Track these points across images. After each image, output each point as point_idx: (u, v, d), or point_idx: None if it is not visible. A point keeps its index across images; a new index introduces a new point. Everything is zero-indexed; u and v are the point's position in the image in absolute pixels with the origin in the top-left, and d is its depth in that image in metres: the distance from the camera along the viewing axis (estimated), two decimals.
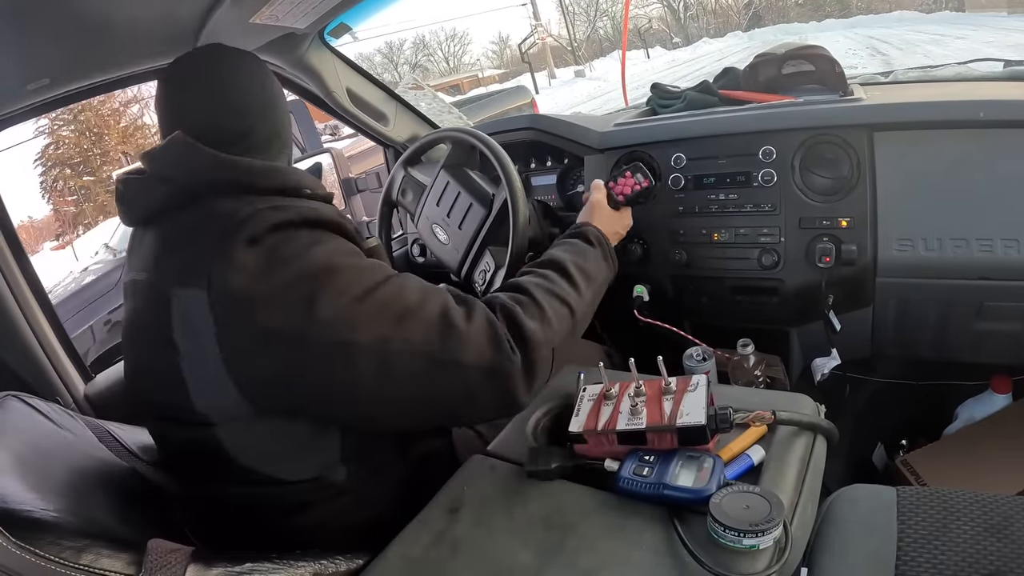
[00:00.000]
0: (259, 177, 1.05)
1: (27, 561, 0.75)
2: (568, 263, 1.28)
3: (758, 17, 42.71)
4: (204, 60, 1.14)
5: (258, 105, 1.15)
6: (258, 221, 0.95)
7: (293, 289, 0.93)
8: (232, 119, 1.11)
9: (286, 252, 0.95)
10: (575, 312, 1.20)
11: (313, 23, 1.60)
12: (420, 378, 0.99)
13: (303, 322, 0.93)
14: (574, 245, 1.37)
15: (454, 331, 1.00)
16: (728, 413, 0.99)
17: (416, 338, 0.98)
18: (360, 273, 0.99)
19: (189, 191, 1.03)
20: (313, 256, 0.96)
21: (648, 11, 43.19)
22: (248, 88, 1.14)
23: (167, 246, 1.03)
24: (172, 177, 1.03)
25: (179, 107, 1.11)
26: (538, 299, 1.14)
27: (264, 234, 0.95)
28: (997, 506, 0.98)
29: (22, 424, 1.04)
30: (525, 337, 1.06)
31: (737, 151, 1.67)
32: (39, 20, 1.06)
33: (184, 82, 1.13)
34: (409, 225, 2.22)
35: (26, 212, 25.41)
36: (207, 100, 1.11)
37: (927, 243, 1.46)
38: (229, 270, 0.92)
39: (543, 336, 1.08)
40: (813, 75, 1.81)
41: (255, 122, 1.14)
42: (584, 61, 37.77)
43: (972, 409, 1.85)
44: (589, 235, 1.41)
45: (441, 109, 2.71)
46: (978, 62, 1.96)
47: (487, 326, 1.03)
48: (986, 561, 0.89)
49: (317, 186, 1.14)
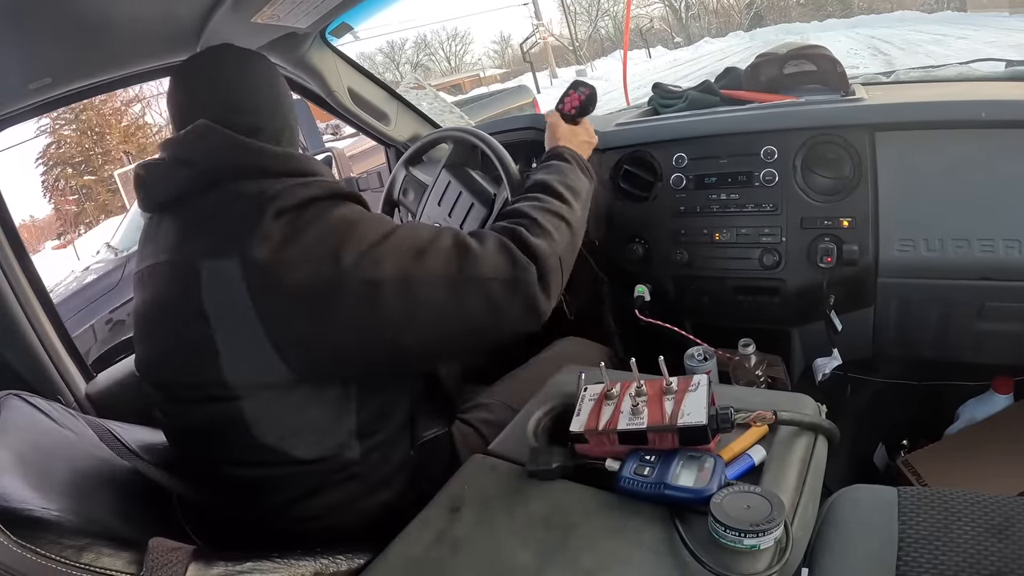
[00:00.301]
0: (279, 161, 1.10)
1: (28, 560, 0.75)
2: (554, 182, 1.35)
3: (760, 17, 42.66)
4: (217, 58, 1.19)
5: (268, 102, 1.19)
6: (287, 196, 1.02)
7: (318, 247, 1.00)
8: (244, 115, 1.15)
9: (309, 219, 1.02)
10: (571, 223, 1.29)
11: (314, 23, 1.60)
12: (448, 299, 1.07)
13: (331, 272, 1.00)
14: (553, 166, 1.43)
15: (470, 253, 1.10)
16: (729, 413, 0.99)
17: (437, 265, 1.06)
18: (377, 223, 1.08)
19: (211, 174, 1.07)
20: (333, 216, 1.04)
21: (650, 11, 43.13)
22: (258, 86, 1.19)
23: (190, 228, 1.06)
24: (194, 160, 1.07)
25: (194, 101, 1.15)
26: (536, 218, 1.23)
27: (292, 207, 1.01)
28: (998, 507, 0.97)
29: (23, 423, 1.04)
30: (533, 250, 1.15)
31: (739, 151, 1.67)
32: (41, 19, 1.06)
33: (198, 79, 1.17)
34: None
35: (28, 211, 25.44)
36: (221, 96, 1.15)
37: (929, 243, 1.46)
38: (259, 240, 0.98)
39: (549, 248, 1.18)
40: (815, 75, 1.81)
41: (265, 119, 1.18)
42: (586, 61, 37.81)
43: (973, 409, 1.85)
44: (563, 154, 1.47)
45: (442, 108, 2.71)
46: (980, 62, 1.96)
47: (499, 245, 1.14)
48: (987, 562, 0.89)
49: (328, 173, 1.19)
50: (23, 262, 1.46)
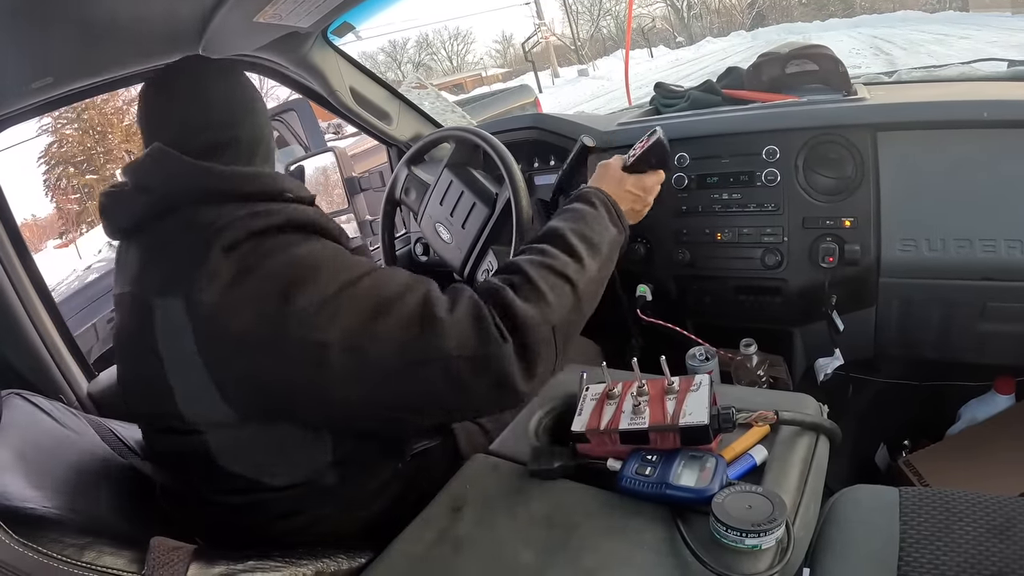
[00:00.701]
0: (238, 183, 1.04)
1: (30, 559, 0.75)
2: (566, 231, 1.18)
3: (762, 16, 42.65)
4: (184, 72, 1.15)
5: (239, 115, 1.14)
6: (237, 228, 0.95)
7: (266, 292, 0.93)
8: (215, 130, 1.11)
9: (262, 256, 0.95)
10: (577, 285, 1.10)
11: (316, 22, 1.59)
12: (402, 371, 0.94)
13: (278, 325, 0.92)
14: (574, 211, 1.26)
15: (435, 321, 0.95)
16: (731, 413, 0.99)
17: (394, 332, 0.94)
18: (338, 269, 0.98)
19: (167, 201, 1.02)
20: (289, 257, 0.96)
21: (652, 10, 43.10)
22: (228, 99, 1.14)
23: (149, 257, 1.03)
24: (151, 187, 1.03)
25: (162, 119, 1.11)
26: (532, 276, 1.06)
27: (242, 241, 0.95)
28: (1000, 507, 0.97)
29: (25, 422, 1.05)
30: (517, 320, 1.00)
31: (740, 151, 1.67)
32: (43, 19, 1.06)
33: (166, 95, 1.13)
34: (412, 224, 2.23)
35: (29, 210, 25.44)
36: (188, 112, 1.10)
37: (931, 243, 1.46)
38: (206, 279, 0.92)
39: (539, 315, 1.01)
40: (817, 75, 1.81)
41: (237, 132, 1.13)
42: (587, 60, 37.78)
43: (975, 410, 1.85)
44: (591, 197, 1.30)
45: (444, 108, 2.71)
46: (982, 62, 1.96)
47: (472, 313, 0.98)
48: (988, 562, 0.89)
49: (299, 189, 1.12)
50: (25, 261, 1.46)
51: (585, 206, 1.27)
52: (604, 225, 1.25)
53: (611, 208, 1.30)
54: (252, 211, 0.98)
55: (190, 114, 1.10)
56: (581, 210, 1.26)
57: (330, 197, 2.29)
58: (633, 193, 1.41)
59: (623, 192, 1.38)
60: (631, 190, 1.40)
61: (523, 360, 0.99)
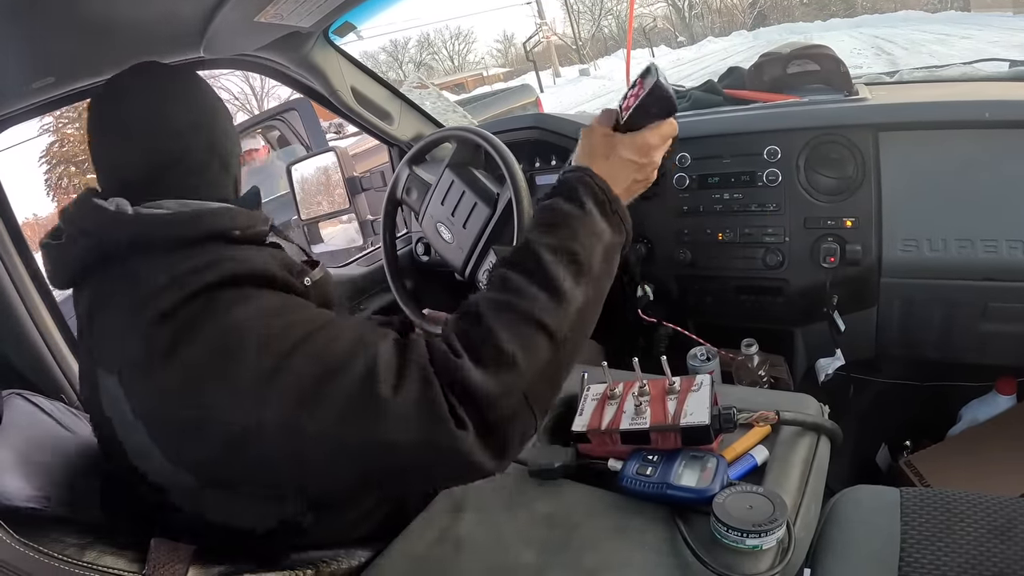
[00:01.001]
0: (177, 228, 0.93)
1: (31, 558, 0.75)
2: (542, 251, 0.91)
3: (763, 16, 42.63)
4: (128, 86, 1.05)
5: (189, 125, 1.05)
6: (172, 291, 0.85)
7: (196, 372, 0.83)
8: (161, 145, 1.03)
9: (194, 328, 0.84)
10: (555, 333, 0.86)
11: (318, 22, 1.59)
12: (347, 453, 0.83)
13: (207, 407, 0.82)
14: (552, 213, 0.97)
15: (376, 403, 0.80)
16: (732, 413, 0.99)
17: (332, 411, 0.81)
18: (275, 337, 0.84)
19: (100, 251, 0.93)
20: (223, 326, 0.85)
21: (653, 10, 43.11)
22: (175, 109, 1.05)
23: (89, 315, 0.95)
24: (82, 237, 0.94)
25: (104, 144, 1.05)
26: (495, 331, 0.84)
27: (178, 306, 0.85)
28: (1001, 508, 0.97)
29: (25, 422, 1.04)
30: (478, 398, 0.81)
31: (742, 151, 1.67)
32: (44, 18, 1.06)
33: (109, 114, 1.05)
34: (413, 224, 2.23)
35: (31, 209, 25.46)
36: (132, 131, 1.02)
37: (932, 244, 1.46)
38: (138, 350, 0.85)
39: (504, 387, 0.82)
40: (818, 75, 1.81)
41: (188, 143, 1.04)
42: (589, 60, 37.77)
43: (976, 410, 1.85)
44: (575, 189, 0.99)
45: (446, 108, 2.70)
46: (983, 62, 1.96)
47: (420, 397, 0.81)
48: (989, 563, 0.89)
49: (250, 223, 1.00)
50: (26, 260, 1.46)
51: (567, 205, 0.97)
52: (593, 228, 0.96)
53: (603, 199, 0.99)
54: (190, 266, 0.87)
55: (134, 133, 1.02)
56: (562, 212, 0.97)
57: (331, 197, 2.29)
58: (633, 161, 1.04)
59: (619, 164, 1.04)
60: (629, 157, 1.04)
61: (488, 442, 0.82)
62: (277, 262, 0.97)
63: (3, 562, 0.74)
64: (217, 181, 1.09)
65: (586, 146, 1.07)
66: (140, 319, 0.85)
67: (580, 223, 0.95)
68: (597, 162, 1.03)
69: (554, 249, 0.91)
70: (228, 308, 0.86)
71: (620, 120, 1.05)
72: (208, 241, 0.93)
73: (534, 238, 0.94)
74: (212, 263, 0.88)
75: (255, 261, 0.93)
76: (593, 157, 1.04)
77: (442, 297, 2.18)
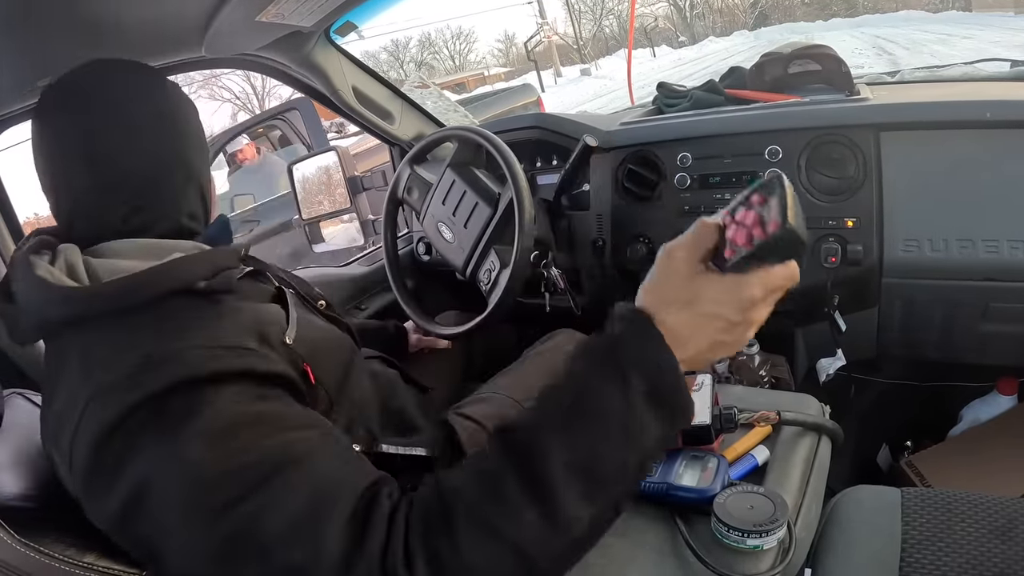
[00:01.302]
0: (125, 298, 0.80)
1: (31, 559, 0.75)
2: (551, 459, 0.67)
3: (764, 16, 42.66)
4: (64, 100, 0.94)
5: (133, 138, 0.93)
6: (112, 401, 0.73)
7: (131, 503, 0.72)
8: (103, 168, 0.92)
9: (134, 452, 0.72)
10: (533, 559, 0.66)
11: (319, 21, 1.59)
12: None
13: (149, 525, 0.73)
14: (580, 392, 0.71)
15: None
16: (733, 413, 1.00)
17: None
18: (212, 485, 0.70)
19: (46, 329, 0.85)
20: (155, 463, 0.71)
21: (654, 10, 43.11)
22: (116, 122, 0.93)
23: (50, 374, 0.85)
24: (24, 308, 0.83)
25: (44, 172, 0.96)
26: (462, 551, 0.66)
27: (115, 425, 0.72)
28: (1002, 508, 0.97)
29: (26, 421, 1.04)
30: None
31: (743, 151, 1.66)
32: (45, 18, 1.06)
33: (51, 134, 0.94)
34: (415, 223, 2.23)
35: (32, 208, 25.40)
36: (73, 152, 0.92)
37: (933, 244, 1.45)
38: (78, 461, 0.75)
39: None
40: (819, 74, 1.81)
41: (134, 161, 0.93)
42: (590, 59, 37.80)
43: (977, 411, 1.85)
44: (623, 359, 0.70)
45: (447, 107, 2.70)
46: (985, 62, 1.96)
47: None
48: (991, 564, 0.89)
49: (220, 264, 0.89)
50: None
51: (607, 385, 0.69)
52: (634, 427, 0.69)
53: (659, 383, 0.70)
54: (140, 359, 0.75)
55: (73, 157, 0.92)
56: (595, 396, 0.70)
57: (332, 196, 2.29)
58: (725, 318, 0.73)
59: (702, 319, 0.73)
60: (721, 313, 0.73)
61: None
62: (245, 331, 0.85)
63: (3, 562, 0.74)
64: (181, 197, 0.98)
65: (661, 279, 0.77)
66: (68, 438, 0.75)
67: (617, 422, 0.69)
68: (671, 309, 0.73)
69: (569, 465, 0.67)
70: (170, 429, 0.72)
71: (723, 256, 0.73)
72: (167, 299, 0.81)
73: (548, 431, 0.70)
74: (164, 358, 0.75)
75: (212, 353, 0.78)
76: (667, 300, 0.74)
77: (443, 296, 2.18)
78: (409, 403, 1.33)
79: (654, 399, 0.69)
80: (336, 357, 1.08)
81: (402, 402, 1.31)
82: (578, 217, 1.94)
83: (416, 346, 1.76)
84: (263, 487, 0.70)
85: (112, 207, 0.92)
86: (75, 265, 0.84)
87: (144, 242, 0.92)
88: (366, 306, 2.13)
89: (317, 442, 0.77)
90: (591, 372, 0.71)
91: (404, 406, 1.31)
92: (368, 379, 1.21)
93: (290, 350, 0.91)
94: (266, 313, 0.94)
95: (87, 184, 0.92)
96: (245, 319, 0.87)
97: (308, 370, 0.94)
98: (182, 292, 0.82)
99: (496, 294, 1.51)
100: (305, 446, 0.75)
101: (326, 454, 0.77)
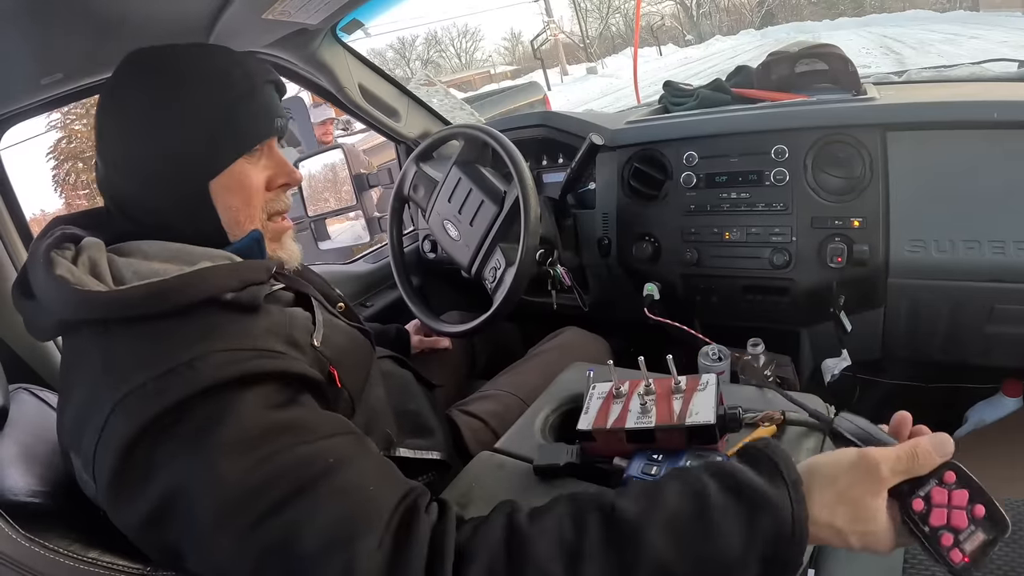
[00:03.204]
0: (147, 306, 0.77)
1: (36, 554, 0.75)
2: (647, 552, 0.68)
3: (771, 15, 42.61)
4: (120, 81, 0.93)
5: (131, 147, 0.91)
6: (134, 415, 0.71)
7: (157, 513, 0.72)
8: (118, 180, 0.93)
9: (147, 471, 0.72)
10: None
11: (325, 19, 1.60)
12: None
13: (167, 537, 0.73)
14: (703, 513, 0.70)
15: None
16: (737, 413, 0.99)
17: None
18: (247, 495, 0.69)
19: (65, 326, 0.84)
20: (178, 474, 0.71)
21: (661, 8, 43.13)
22: (119, 124, 0.93)
23: (66, 372, 0.85)
24: (45, 306, 0.82)
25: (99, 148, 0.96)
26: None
27: (137, 439, 0.71)
28: (1006, 510, 0.97)
29: (32, 417, 1.05)
30: None
31: (749, 150, 1.66)
32: (53, 15, 1.06)
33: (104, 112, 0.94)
34: (420, 221, 2.23)
35: (39, 205, 25.52)
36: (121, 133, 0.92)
37: (939, 244, 1.45)
38: (99, 471, 0.74)
39: None
40: (826, 74, 1.81)
41: (131, 182, 0.92)
42: (596, 58, 37.81)
43: (982, 412, 1.84)
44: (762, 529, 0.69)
45: (453, 105, 2.70)
46: (992, 62, 1.96)
47: None
48: (994, 565, 0.89)
49: (248, 278, 0.87)
50: None
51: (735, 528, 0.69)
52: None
53: (781, 556, 0.70)
54: (165, 366, 0.73)
55: (104, 162, 0.94)
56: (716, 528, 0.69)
57: (338, 194, 2.29)
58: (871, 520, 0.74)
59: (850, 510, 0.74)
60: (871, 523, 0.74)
61: None
62: (273, 336, 0.85)
63: (8, 557, 0.74)
64: (193, 212, 0.94)
65: (836, 471, 0.75)
66: (109, 435, 0.73)
67: (722, 563, 0.69)
68: (825, 493, 0.73)
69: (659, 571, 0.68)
70: (201, 436, 0.71)
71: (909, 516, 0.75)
72: (194, 309, 0.79)
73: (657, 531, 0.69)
74: (190, 364, 0.74)
75: (239, 356, 0.78)
76: (836, 498, 0.73)
77: (448, 294, 2.18)
78: (423, 405, 1.33)
79: (768, 563, 0.69)
80: (358, 360, 1.09)
81: (416, 404, 1.32)
82: (584, 216, 1.95)
83: (418, 347, 1.77)
84: (299, 498, 0.70)
85: (142, 206, 0.92)
86: (98, 263, 0.83)
87: (172, 246, 0.90)
88: (371, 303, 2.13)
89: (351, 450, 0.78)
90: (728, 504, 0.70)
91: (419, 408, 1.32)
92: (382, 380, 1.21)
93: (317, 353, 0.92)
94: (292, 316, 0.93)
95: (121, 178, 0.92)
96: (272, 323, 0.87)
97: (334, 373, 0.94)
98: (209, 302, 0.80)
99: (501, 292, 1.51)
100: (339, 454, 0.75)
101: (360, 462, 0.77)
